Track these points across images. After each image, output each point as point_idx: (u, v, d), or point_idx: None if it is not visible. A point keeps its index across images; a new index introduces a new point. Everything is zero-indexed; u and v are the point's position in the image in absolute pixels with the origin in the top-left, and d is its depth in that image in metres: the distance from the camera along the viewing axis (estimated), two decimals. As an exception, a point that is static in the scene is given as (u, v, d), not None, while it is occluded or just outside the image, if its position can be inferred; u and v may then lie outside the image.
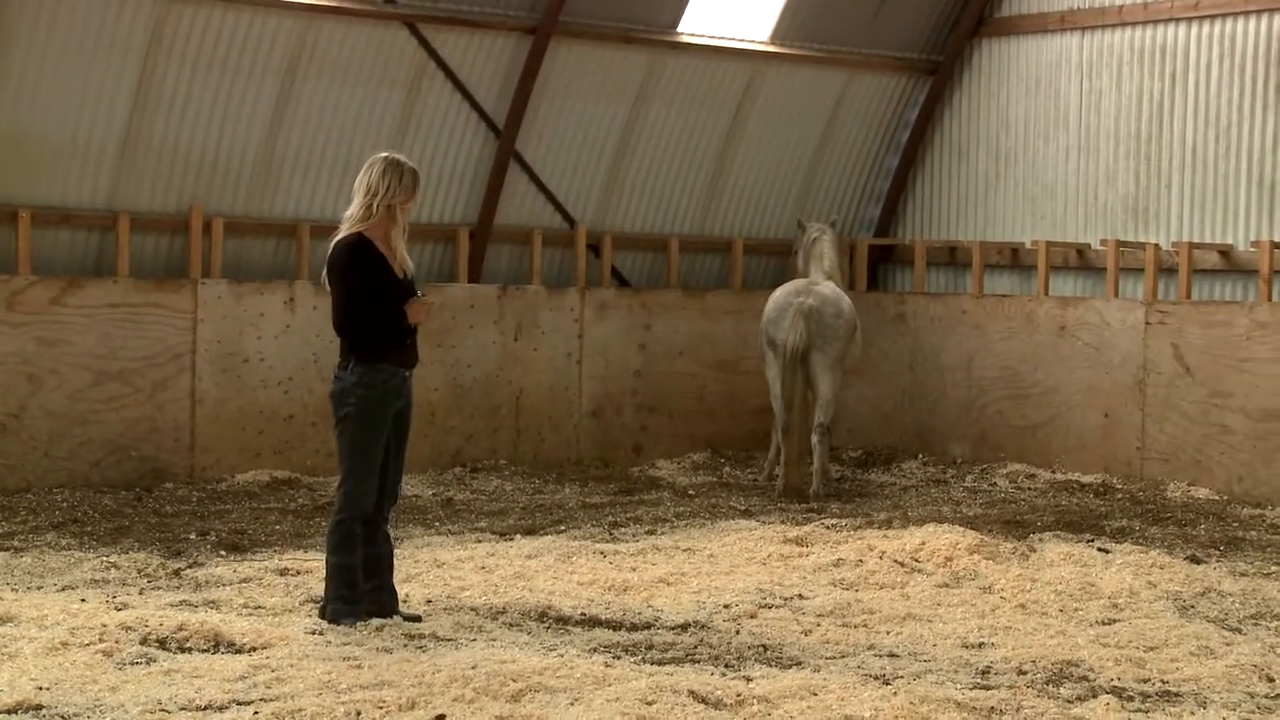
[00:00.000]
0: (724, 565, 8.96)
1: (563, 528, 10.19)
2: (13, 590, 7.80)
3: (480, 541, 9.64)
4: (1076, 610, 7.92)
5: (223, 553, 9.07)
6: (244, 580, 8.23)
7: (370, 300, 7.11)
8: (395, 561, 8.66)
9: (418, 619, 7.33)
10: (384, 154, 7.29)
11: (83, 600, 7.51)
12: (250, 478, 11.39)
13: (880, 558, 8.94)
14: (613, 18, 12.83)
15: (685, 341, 13.59)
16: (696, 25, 13.31)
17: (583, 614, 7.66)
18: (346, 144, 12.10)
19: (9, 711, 5.64)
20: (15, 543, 9.18)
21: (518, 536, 9.82)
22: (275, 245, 12.08)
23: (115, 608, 7.32)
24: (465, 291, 12.61)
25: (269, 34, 11.52)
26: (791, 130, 14.09)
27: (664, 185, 13.72)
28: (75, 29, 10.77)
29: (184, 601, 7.61)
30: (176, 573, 8.44)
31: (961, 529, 9.60)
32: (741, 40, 13.56)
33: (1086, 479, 12.41)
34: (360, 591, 7.17)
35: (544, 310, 12.94)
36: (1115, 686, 6.45)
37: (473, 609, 7.65)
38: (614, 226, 13.52)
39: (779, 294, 12.28)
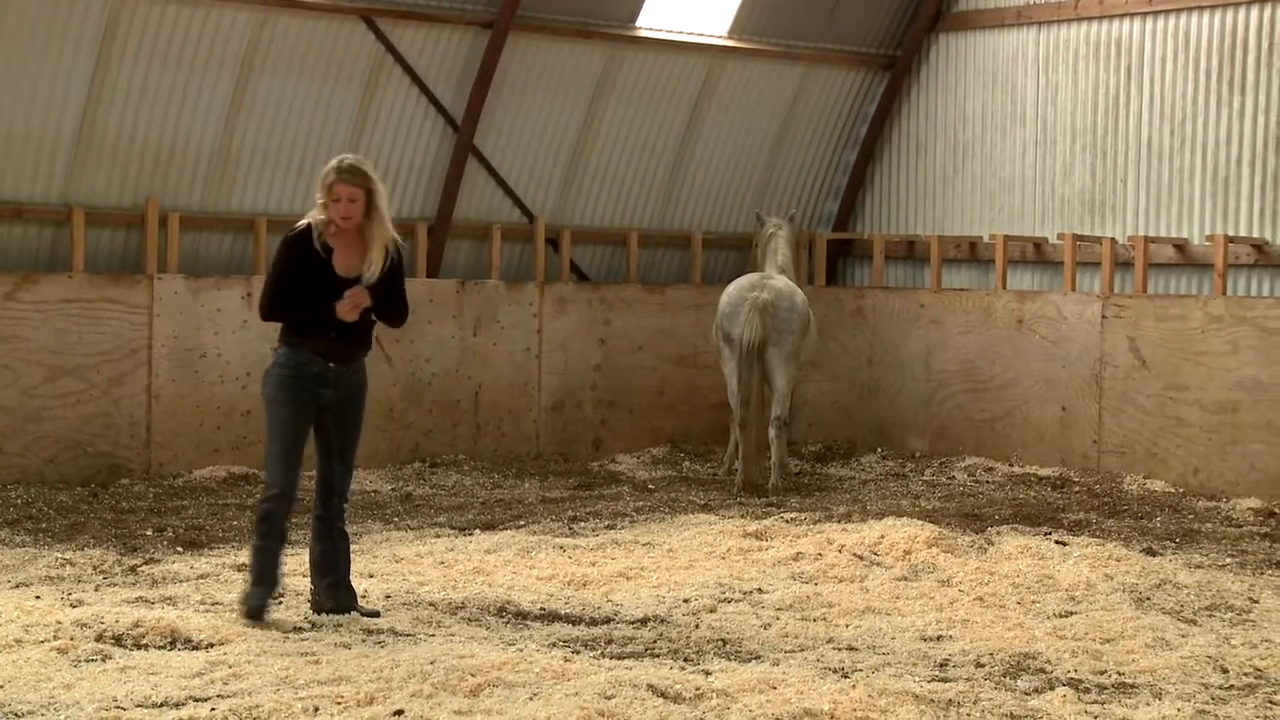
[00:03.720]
0: (683, 559, 8.97)
1: (522, 523, 10.18)
2: (-34, 588, 7.75)
3: (439, 536, 9.62)
4: (1034, 603, 7.96)
5: (179, 549, 9.02)
6: (201, 576, 8.19)
7: (287, 287, 7.18)
8: (354, 557, 8.66)
9: (376, 614, 7.32)
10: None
11: (37, 597, 7.45)
12: (207, 473, 11.33)
13: (839, 551, 8.97)
14: (570, 12, 12.81)
15: (645, 336, 13.59)
16: (655, 20, 13.31)
17: (542, 609, 7.66)
18: (304, 139, 12.05)
19: (-38, 709, 5.61)
20: (-31, 540, 9.11)
21: (477, 531, 9.81)
22: (232, 240, 12.01)
23: (70, 605, 7.27)
24: (424, 286, 12.57)
25: (225, 27, 11.45)
26: (750, 125, 14.10)
27: (623, 179, 13.72)
28: (28, 21, 10.68)
29: (140, 598, 7.57)
30: (133, 569, 8.40)
31: (920, 522, 9.63)
32: (699, 35, 13.56)
33: (1044, 472, 12.48)
34: (266, 575, 7.17)
35: (503, 305, 12.92)
36: (1072, 678, 6.49)
37: (431, 604, 7.64)
38: (573, 221, 13.51)
39: (733, 289, 12.30)
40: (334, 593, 7.31)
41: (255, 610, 7.05)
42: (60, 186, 11.21)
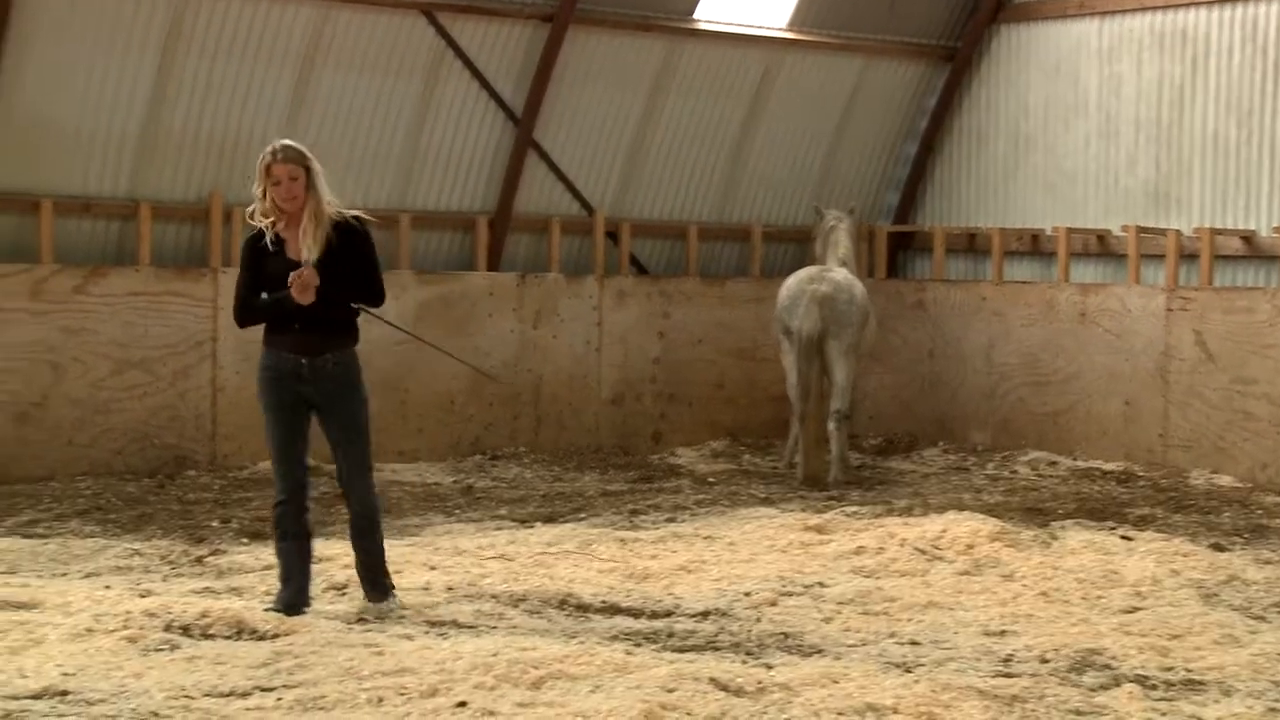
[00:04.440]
0: (744, 553, 8.95)
1: (583, 515, 10.20)
2: (38, 577, 7.84)
3: (500, 529, 9.65)
4: (1099, 598, 7.89)
5: (245, 540, 9.09)
6: (266, 567, 8.21)
7: (248, 290, 7.10)
8: (415, 549, 8.72)
9: (389, 608, 7.22)
10: None
11: (107, 587, 7.54)
12: (270, 466, 11.37)
13: (901, 545, 8.92)
14: (630, 5, 12.82)
15: (704, 329, 13.58)
16: (714, 12, 13.28)
17: (603, 602, 7.66)
18: (365, 133, 12.12)
19: (35, 697, 5.67)
20: (40, 530, 9.23)
21: (538, 524, 9.83)
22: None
23: (139, 595, 7.34)
24: (484, 280, 12.62)
25: (287, 22, 11.53)
26: (810, 117, 14.05)
27: (682, 172, 13.71)
28: (95, 18, 10.79)
29: (207, 589, 7.64)
30: (199, 560, 8.47)
31: (983, 516, 9.57)
32: (759, 27, 13.52)
33: (1108, 466, 12.37)
34: (290, 573, 7.13)
35: (563, 298, 12.94)
36: (1139, 675, 6.42)
37: (493, 596, 7.66)
38: (632, 214, 13.51)
39: (792, 281, 12.27)
40: (367, 593, 7.27)
41: (288, 608, 6.99)
42: (127, 181, 11.33)
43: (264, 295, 7.01)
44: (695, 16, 13.21)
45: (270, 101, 11.60)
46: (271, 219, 7.01)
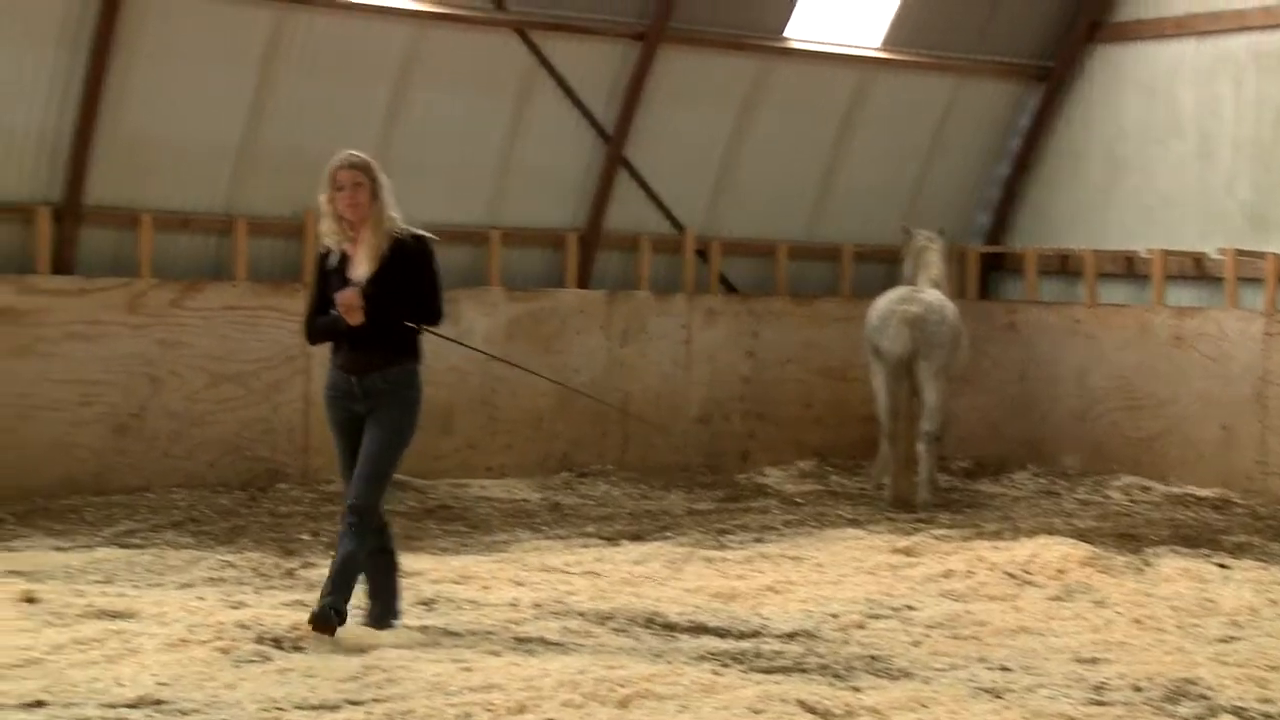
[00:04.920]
0: (832, 574, 8.92)
1: (670, 534, 10.20)
2: (134, 587, 7.97)
3: (587, 546, 9.68)
4: (1194, 626, 7.77)
5: (335, 553, 9.15)
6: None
7: (315, 308, 7.14)
8: (503, 564, 8.75)
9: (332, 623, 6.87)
10: None
11: (200, 598, 7.64)
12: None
13: (990, 569, 8.85)
14: (721, 24, 12.83)
15: (793, 349, 13.54)
16: (805, 31, 13.27)
17: (690, 621, 7.66)
18: (457, 150, 12.20)
19: (132, 706, 5.75)
20: (136, 540, 9.39)
21: (625, 542, 9.85)
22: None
23: (232, 606, 7.43)
24: (574, 297, 12.68)
25: (383, 41, 11.65)
26: (901, 137, 13.99)
27: (772, 191, 13.68)
28: (196, 36, 10.97)
29: (298, 601, 7.70)
30: (290, 572, 8.56)
31: (1074, 541, 9.47)
32: (851, 46, 13.49)
33: (1203, 493, 12.18)
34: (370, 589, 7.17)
35: (652, 316, 12.96)
36: (1236, 706, 6.31)
37: (580, 614, 7.68)
38: (722, 232, 13.50)
39: (883, 302, 12.22)
40: (326, 598, 6.87)
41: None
42: (224, 197, 11.49)
43: (332, 312, 7.00)
44: (787, 35, 13.20)
45: (365, 118, 11.72)
46: (337, 238, 7.00)
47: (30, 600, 7.40)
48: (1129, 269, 13.58)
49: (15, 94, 10.53)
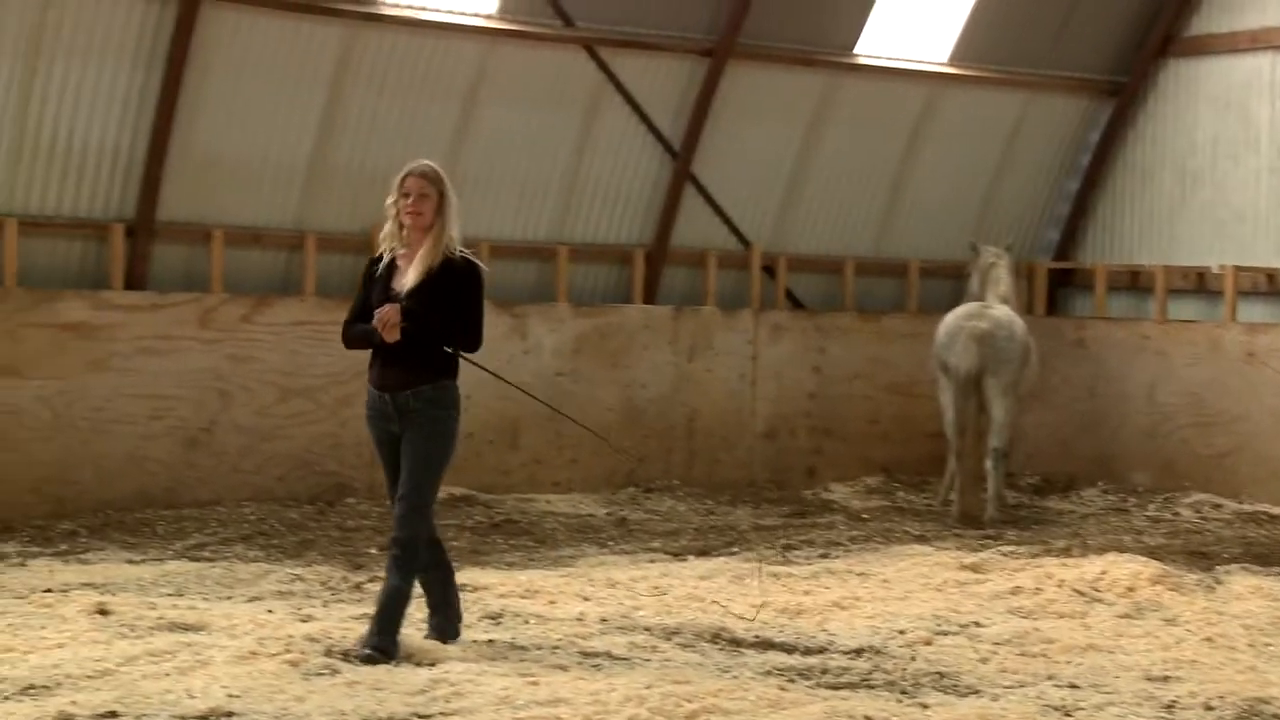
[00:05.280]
0: (898, 590, 8.87)
1: (736, 549, 10.19)
2: (204, 600, 8.06)
3: (654, 561, 9.68)
4: (1267, 645, 7.67)
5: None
6: (423, 596, 8.33)
7: (357, 314, 7.03)
8: (569, 579, 8.77)
9: (376, 657, 6.71)
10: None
11: (270, 611, 7.71)
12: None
13: (1059, 586, 8.78)
14: (790, 39, 12.84)
15: (860, 364, 13.51)
16: (874, 47, 13.25)
17: (756, 636, 7.65)
18: (525, 166, 12.27)
19: (202, 717, 5.80)
20: (206, 554, 9.49)
21: (691, 557, 9.84)
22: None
23: (301, 619, 7.50)
24: (640, 312, 12.70)
25: (452, 58, 11.74)
26: (969, 152, 13.94)
27: (840, 207, 13.67)
28: (268, 55, 11.09)
29: (365, 614, 7.70)
30: (358, 586, 8.62)
31: (1144, 559, 9.38)
32: (919, 62, 13.45)
33: (1276, 510, 12.03)
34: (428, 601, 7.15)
35: (718, 332, 12.97)
36: (1308, 726, 6.24)
37: (647, 629, 7.68)
38: (789, 248, 13.49)
39: (951, 318, 12.18)
40: (371, 637, 6.78)
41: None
42: (294, 213, 11.61)
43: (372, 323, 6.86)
44: (856, 51, 13.19)
45: (433, 135, 11.79)
46: (392, 245, 6.93)
47: (103, 612, 7.49)
48: (1200, 285, 13.45)
49: (91, 112, 10.68)
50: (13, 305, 10.44)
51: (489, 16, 11.83)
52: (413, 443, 6.83)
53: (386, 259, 6.97)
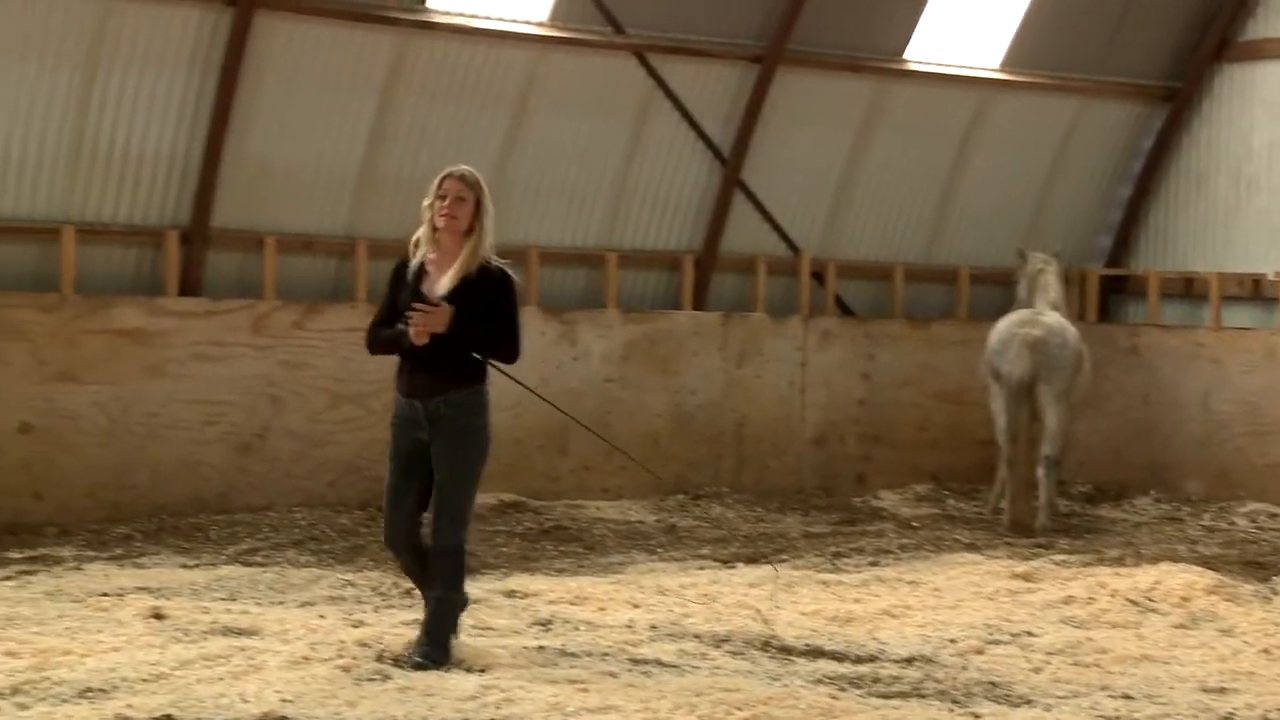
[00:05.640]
0: (949, 599, 8.84)
1: (785, 557, 10.17)
2: (257, 604, 8.11)
3: (703, 569, 9.68)
4: (1324, 657, 7.60)
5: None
6: (473, 601, 8.29)
7: (384, 318, 6.88)
8: (618, 586, 8.76)
9: (429, 664, 6.70)
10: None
11: (322, 616, 7.75)
12: (479, 500, 11.47)
13: (1112, 596, 8.72)
14: (839, 46, 12.81)
15: (910, 371, 13.46)
16: (924, 53, 13.21)
17: (806, 644, 7.63)
18: (574, 172, 12.29)
19: (257, 721, 5.87)
20: (259, 559, 9.55)
21: (740, 564, 9.83)
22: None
23: (353, 624, 7.54)
24: (689, 319, 12.70)
25: (502, 65, 11.77)
26: (1021, 158, 13.87)
27: (889, 213, 13.63)
28: (320, 63, 11.16)
29: (416, 620, 7.74)
30: (409, 592, 8.60)
31: (1199, 568, 9.31)
32: (970, 68, 13.40)
33: (1333, 520, 11.92)
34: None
35: (767, 338, 12.95)
36: (1367, 739, 6.18)
37: (696, 636, 7.69)
38: (838, 254, 13.46)
39: (1003, 325, 12.12)
40: (421, 647, 6.78)
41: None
42: (345, 220, 11.67)
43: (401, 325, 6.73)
44: (905, 57, 13.15)
45: (483, 142, 11.82)
46: (425, 249, 6.78)
47: (158, 616, 7.57)
48: (1255, 291, 13.33)
49: (147, 120, 10.77)
50: (70, 312, 10.54)
51: (540, 24, 11.86)
52: (446, 452, 6.69)
53: (415, 263, 6.83)
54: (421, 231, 6.87)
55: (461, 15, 11.56)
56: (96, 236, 10.81)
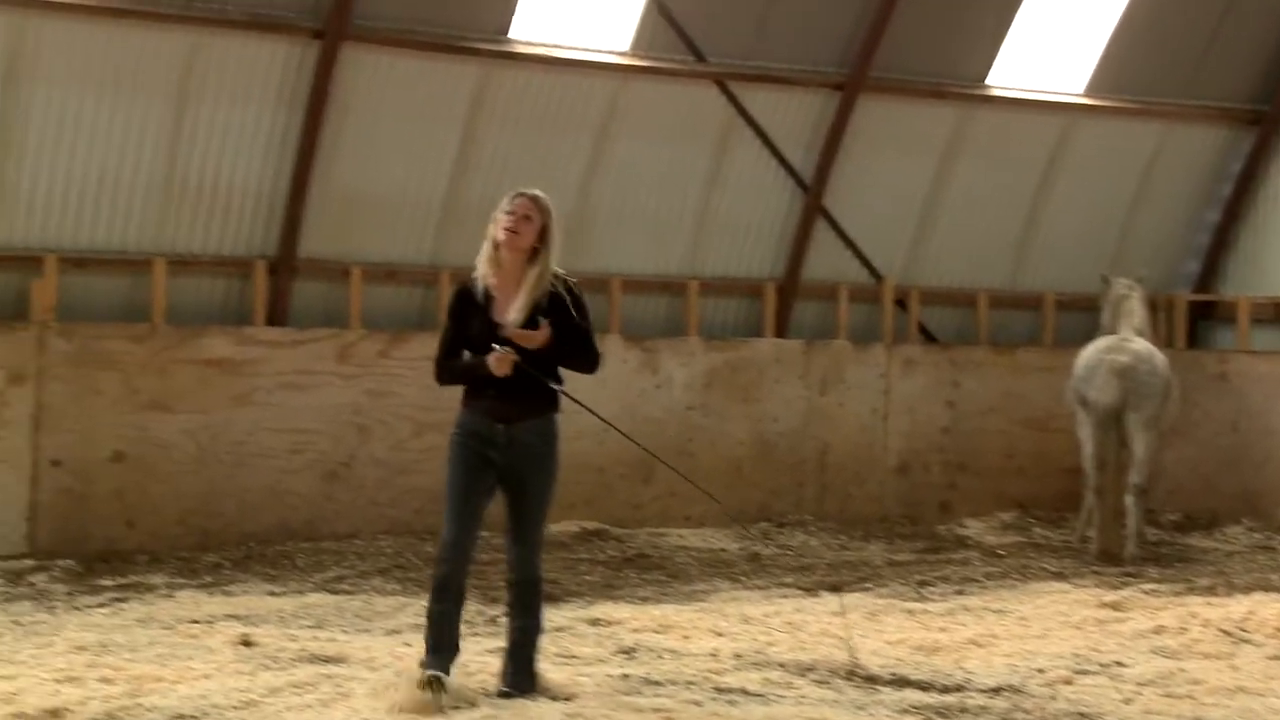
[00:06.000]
0: (1036, 628, 8.74)
1: (869, 585, 10.11)
2: (344, 632, 8.18)
3: (786, 597, 9.63)
4: None
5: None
6: (557, 629, 8.32)
7: (450, 347, 6.72)
8: (702, 615, 8.73)
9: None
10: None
11: (408, 644, 7.77)
12: (562, 528, 11.60)
13: (1204, 626, 8.58)
14: (922, 72, 12.78)
15: (994, 398, 13.35)
16: (1007, 78, 13.14)
17: (892, 674, 7.56)
18: (655, 200, 12.33)
19: (345, 749, 5.90)
20: (345, 586, 9.62)
21: (824, 593, 9.78)
22: (589, 300, 12.30)
23: (438, 652, 7.55)
24: (771, 346, 12.68)
25: (585, 93, 11.84)
26: (1106, 184, 13.76)
27: (973, 239, 13.55)
28: (405, 94, 11.28)
29: (500, 648, 7.76)
30: (493, 620, 8.66)
31: (1293, 599, 9.15)
32: (1054, 93, 13.32)
33: None
34: (444, 641, 6.64)
35: (850, 365, 12.90)
36: None
37: (781, 665, 7.64)
38: (921, 281, 13.40)
39: (1090, 351, 12.00)
40: (508, 676, 6.75)
41: (432, 680, 6.47)
42: (430, 249, 11.77)
43: (466, 355, 6.67)
44: (988, 82, 13.09)
45: (565, 170, 11.89)
46: (487, 270, 6.65)
47: (247, 644, 7.64)
48: (1347, 316, 13.13)
49: (235, 153, 10.94)
50: (160, 342, 10.70)
51: (622, 53, 11.92)
52: (526, 480, 6.64)
53: (480, 288, 6.68)
54: (483, 252, 6.73)
55: (544, 45, 11.65)
56: (187, 268, 10.98)
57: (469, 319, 6.68)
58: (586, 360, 6.76)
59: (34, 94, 10.29)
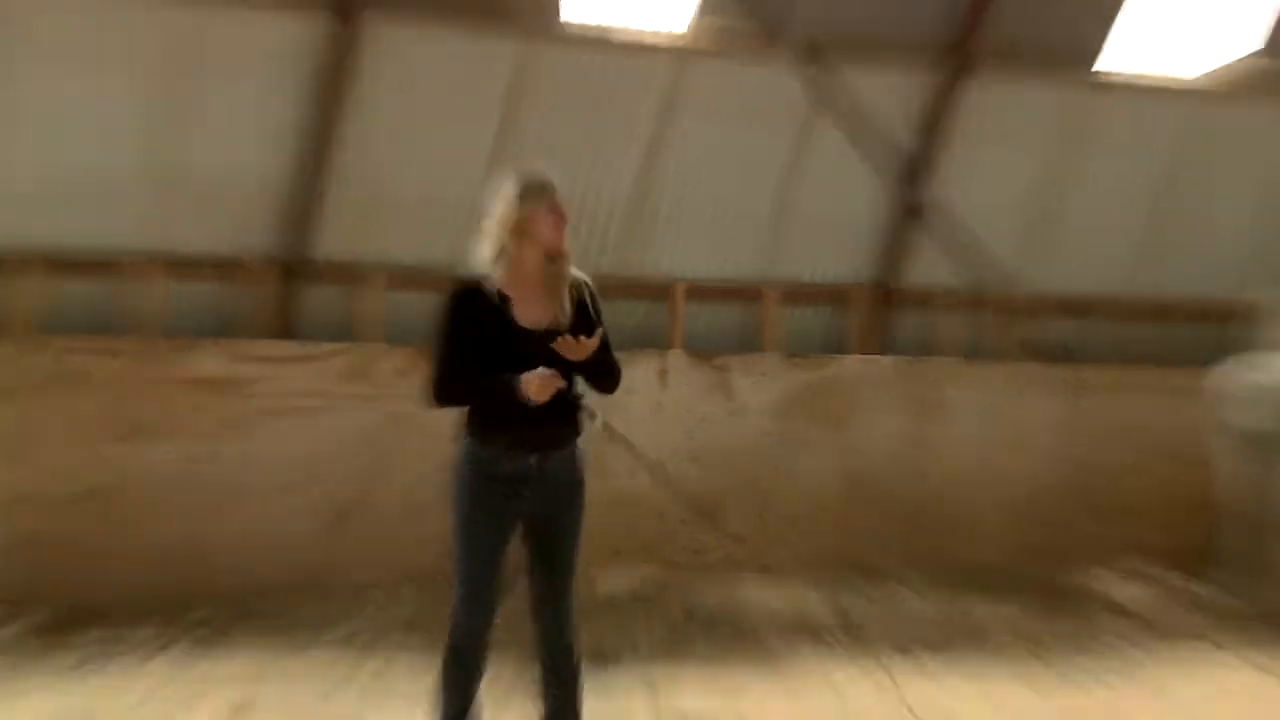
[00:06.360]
0: (1182, 702, 8.40)
1: (978, 648, 9.88)
2: (357, 700, 7.98)
3: (878, 659, 9.42)
4: None
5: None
6: (609, 697, 8.16)
7: (459, 359, 6.35)
8: (765, 681, 8.45)
9: None
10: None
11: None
12: (616, 584, 11.41)
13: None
14: (1034, 51, 12.51)
15: (1125, 424, 13.04)
16: (1123, 63, 12.87)
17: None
18: (726, 195, 12.17)
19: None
20: (359, 644, 9.42)
21: (923, 656, 9.55)
22: (646, 309, 12.18)
23: None
24: (861, 364, 12.53)
25: (642, 73, 11.67)
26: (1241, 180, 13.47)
27: (1094, 242, 13.31)
28: (438, 93, 11.19)
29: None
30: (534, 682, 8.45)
31: None
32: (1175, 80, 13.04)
33: None
34: (452, 713, 6.39)
35: (954, 386, 12.72)
36: None
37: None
38: (1035, 289, 13.18)
39: (1240, 370, 11.68)
40: None
41: None
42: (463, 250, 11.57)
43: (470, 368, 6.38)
44: (1103, 69, 12.84)
45: (619, 161, 11.71)
46: (499, 269, 6.39)
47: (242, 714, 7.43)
48: None
49: (238, 140, 10.88)
50: (145, 357, 10.55)
51: (682, 35, 11.76)
52: (560, 521, 6.43)
53: (493, 291, 6.40)
54: (489, 249, 6.46)
55: (597, 28, 11.51)
56: (177, 271, 10.93)
57: (483, 325, 6.35)
58: (615, 375, 6.59)
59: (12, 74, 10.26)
